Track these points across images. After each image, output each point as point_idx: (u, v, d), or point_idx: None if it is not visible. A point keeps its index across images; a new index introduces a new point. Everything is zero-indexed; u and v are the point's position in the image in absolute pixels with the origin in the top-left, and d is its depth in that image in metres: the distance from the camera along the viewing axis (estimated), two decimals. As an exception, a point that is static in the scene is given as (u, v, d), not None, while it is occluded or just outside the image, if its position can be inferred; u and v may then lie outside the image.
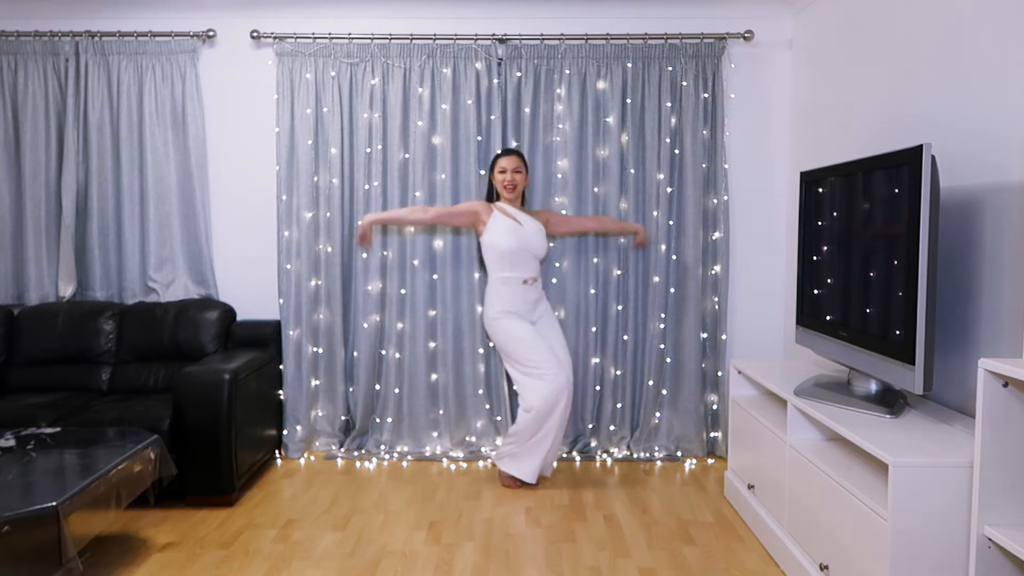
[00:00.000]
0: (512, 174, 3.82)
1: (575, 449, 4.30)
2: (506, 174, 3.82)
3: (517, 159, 3.86)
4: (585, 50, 4.19)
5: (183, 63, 4.25)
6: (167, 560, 3.03)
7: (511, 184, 3.82)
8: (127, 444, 3.01)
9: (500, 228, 3.75)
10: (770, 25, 4.27)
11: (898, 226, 2.56)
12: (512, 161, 3.84)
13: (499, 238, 3.74)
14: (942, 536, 2.18)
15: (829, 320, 3.07)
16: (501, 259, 3.77)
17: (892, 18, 3.19)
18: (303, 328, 4.29)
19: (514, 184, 3.82)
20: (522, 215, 3.82)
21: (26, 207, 4.24)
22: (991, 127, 2.56)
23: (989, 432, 1.92)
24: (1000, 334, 2.50)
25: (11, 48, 4.22)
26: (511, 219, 3.78)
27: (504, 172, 3.83)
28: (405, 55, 4.21)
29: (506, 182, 3.82)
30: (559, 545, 3.18)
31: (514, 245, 3.72)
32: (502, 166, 3.84)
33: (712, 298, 4.27)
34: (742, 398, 3.58)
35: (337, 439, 4.34)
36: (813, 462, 2.68)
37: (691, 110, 4.18)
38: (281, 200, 4.27)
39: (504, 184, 3.82)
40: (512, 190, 3.83)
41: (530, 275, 3.79)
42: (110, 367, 4.08)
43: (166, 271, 4.33)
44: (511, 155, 3.87)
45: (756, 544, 3.19)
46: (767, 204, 4.36)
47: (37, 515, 2.37)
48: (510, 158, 3.86)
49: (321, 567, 2.98)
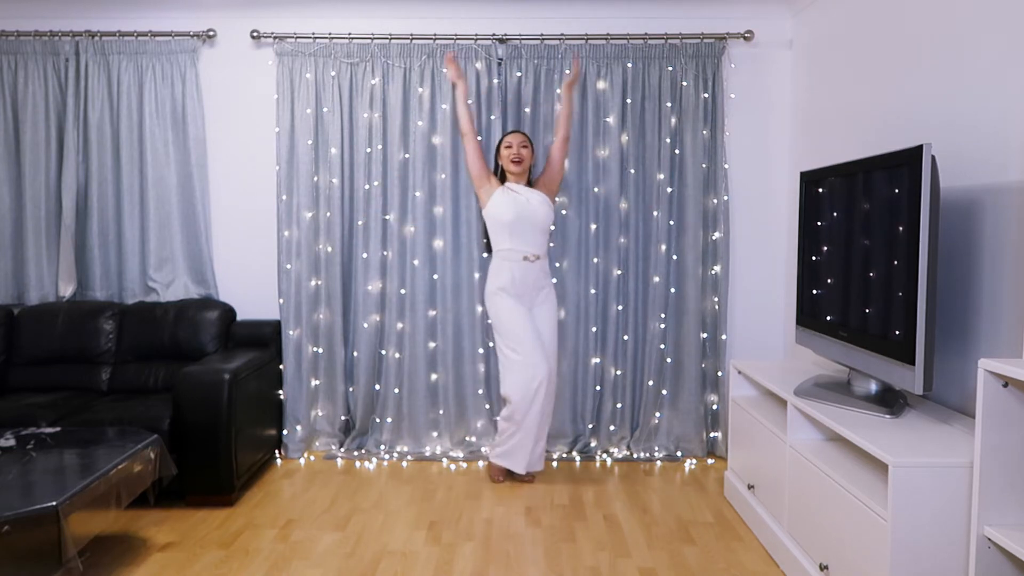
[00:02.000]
0: (519, 148, 3.81)
1: (575, 449, 4.30)
2: (512, 148, 3.81)
3: (523, 136, 3.87)
4: (585, 50, 4.19)
5: (183, 63, 4.25)
6: (167, 560, 3.03)
7: (517, 157, 3.79)
8: (127, 444, 3.01)
9: (502, 199, 3.77)
10: (770, 25, 4.27)
11: (898, 226, 2.56)
12: (518, 137, 3.84)
13: (500, 208, 3.75)
14: (942, 536, 2.18)
15: (829, 320, 3.06)
16: (502, 230, 3.77)
17: (892, 18, 3.19)
18: (303, 328, 4.29)
19: (520, 157, 3.80)
20: (526, 190, 3.82)
21: (26, 207, 4.24)
22: (991, 127, 2.56)
23: (989, 432, 1.92)
24: (1000, 334, 2.50)
25: (11, 48, 4.22)
26: (514, 192, 3.80)
27: (511, 147, 3.81)
28: (405, 55, 4.21)
29: (513, 155, 3.79)
30: (559, 545, 3.18)
31: (515, 215, 3.72)
32: (508, 142, 3.84)
33: (712, 298, 4.27)
34: (742, 398, 3.58)
35: (337, 439, 4.34)
36: (813, 462, 2.68)
37: (691, 110, 4.19)
38: (281, 200, 4.27)
39: (511, 158, 3.80)
40: (519, 163, 3.80)
41: (531, 251, 3.76)
42: (110, 367, 4.08)
43: (166, 271, 4.33)
44: (517, 133, 3.89)
45: (756, 544, 3.19)
46: (767, 204, 4.36)
47: (37, 515, 2.37)
48: (516, 135, 3.87)
49: (321, 567, 2.98)
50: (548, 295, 3.87)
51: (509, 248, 3.75)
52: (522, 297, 3.76)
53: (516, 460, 3.79)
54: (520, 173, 3.83)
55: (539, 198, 3.80)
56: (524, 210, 3.73)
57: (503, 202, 3.75)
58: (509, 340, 3.72)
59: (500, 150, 3.88)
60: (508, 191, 3.80)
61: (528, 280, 3.76)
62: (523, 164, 3.82)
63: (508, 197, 3.76)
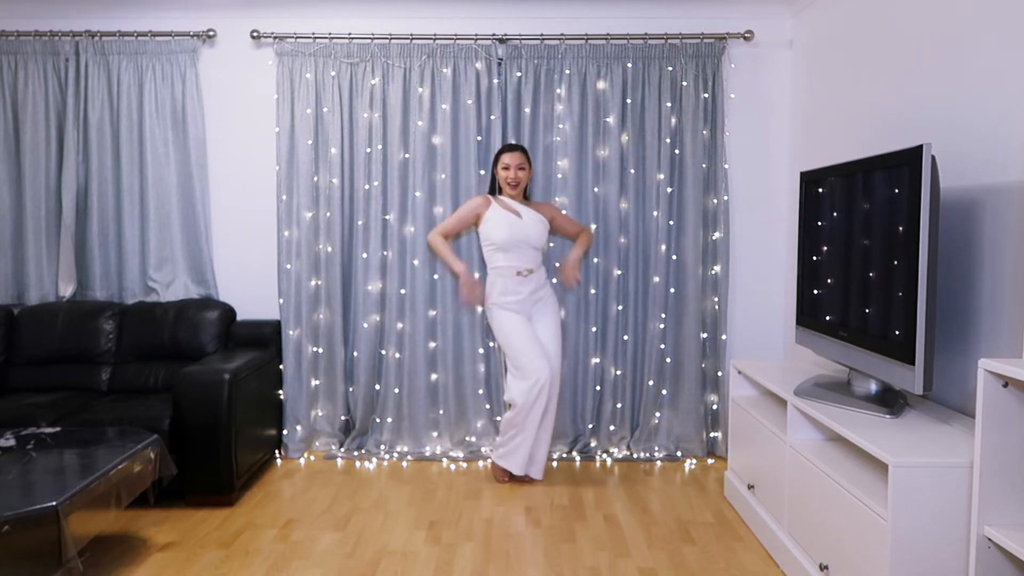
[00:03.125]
0: (516, 171, 3.82)
1: (575, 449, 4.30)
2: (509, 171, 3.82)
3: (521, 155, 3.86)
4: (585, 50, 4.19)
5: (183, 63, 4.25)
6: (167, 560, 3.03)
7: (515, 181, 3.82)
8: (127, 444, 3.01)
9: (496, 219, 3.78)
10: (770, 25, 4.27)
11: (898, 226, 2.56)
12: (516, 158, 3.84)
13: (494, 229, 3.77)
14: (942, 536, 2.18)
15: (829, 320, 3.06)
16: (496, 249, 3.80)
17: (892, 18, 3.19)
18: (303, 328, 4.29)
19: (517, 181, 3.83)
20: (522, 208, 3.84)
21: (26, 207, 4.24)
22: (991, 127, 2.56)
23: (989, 432, 1.92)
24: (1000, 334, 2.50)
25: (11, 48, 4.21)
26: (510, 211, 3.80)
27: (508, 169, 3.83)
28: (405, 55, 4.21)
29: (510, 179, 3.82)
30: (559, 545, 3.18)
31: (508, 236, 3.74)
32: (505, 162, 3.84)
33: (712, 298, 4.27)
34: (742, 398, 3.58)
35: (337, 439, 4.34)
36: (813, 462, 2.68)
37: (691, 110, 4.18)
38: (281, 200, 4.27)
39: (508, 181, 3.83)
40: (515, 187, 3.84)
41: (525, 266, 3.79)
42: (110, 367, 4.08)
43: (166, 271, 4.33)
44: (515, 151, 3.86)
45: (756, 544, 3.18)
46: (767, 204, 4.36)
47: (37, 515, 2.37)
48: (514, 154, 3.85)
49: (321, 567, 2.98)
50: (547, 300, 3.89)
51: (503, 265, 3.80)
52: (520, 309, 3.79)
53: (514, 461, 3.79)
54: (516, 195, 3.86)
55: (535, 218, 3.83)
56: (520, 232, 3.77)
57: (498, 223, 3.77)
58: (510, 352, 3.77)
59: (497, 167, 3.87)
60: (503, 209, 3.81)
61: (523, 292, 3.79)
62: (520, 187, 3.85)
63: (503, 216, 3.78)
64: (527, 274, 3.80)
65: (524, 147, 3.96)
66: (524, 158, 3.87)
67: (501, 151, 3.89)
